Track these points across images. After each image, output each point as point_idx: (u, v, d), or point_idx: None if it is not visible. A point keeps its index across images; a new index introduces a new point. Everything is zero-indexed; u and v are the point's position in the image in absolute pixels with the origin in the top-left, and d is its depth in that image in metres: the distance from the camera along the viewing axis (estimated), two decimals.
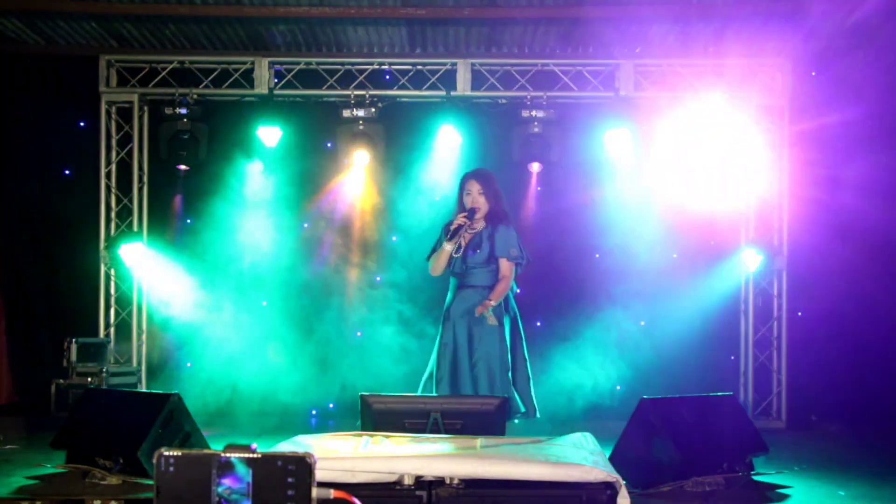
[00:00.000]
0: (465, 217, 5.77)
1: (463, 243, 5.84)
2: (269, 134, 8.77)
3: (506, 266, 5.82)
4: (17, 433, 7.33)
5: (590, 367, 8.74)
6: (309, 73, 8.81)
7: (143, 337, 8.88)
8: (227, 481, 2.22)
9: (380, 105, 8.66)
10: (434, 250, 5.95)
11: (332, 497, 2.27)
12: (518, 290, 6.27)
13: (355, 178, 8.97)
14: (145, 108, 8.89)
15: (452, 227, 5.77)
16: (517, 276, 6.04)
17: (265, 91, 8.71)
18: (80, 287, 8.87)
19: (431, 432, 5.28)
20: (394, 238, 9.09)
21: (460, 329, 5.83)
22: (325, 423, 8.46)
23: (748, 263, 8.65)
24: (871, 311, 8.50)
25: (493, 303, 5.72)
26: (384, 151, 8.71)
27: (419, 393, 5.85)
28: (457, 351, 5.82)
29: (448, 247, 5.81)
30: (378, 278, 9.08)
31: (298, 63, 8.78)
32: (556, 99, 8.69)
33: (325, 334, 8.83)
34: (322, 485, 2.26)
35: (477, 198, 5.82)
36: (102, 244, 8.72)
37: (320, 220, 9.09)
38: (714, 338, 8.75)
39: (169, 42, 8.75)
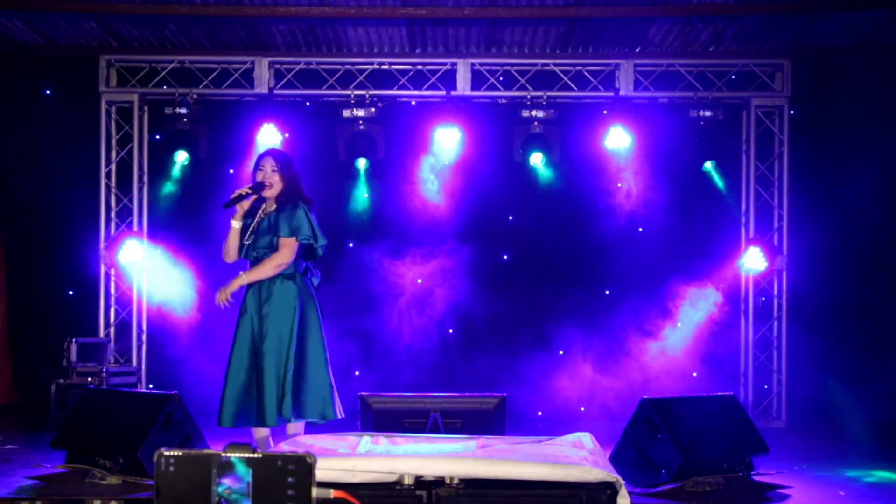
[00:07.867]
0: (248, 188, 5.23)
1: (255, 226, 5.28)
2: (269, 134, 8.76)
3: (282, 241, 5.16)
4: (17, 433, 7.33)
5: (589, 367, 8.74)
6: (309, 73, 8.80)
7: (143, 337, 8.88)
8: (227, 481, 2.22)
9: (380, 105, 8.66)
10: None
11: (332, 497, 2.27)
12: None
13: (353, 178, 8.98)
14: (145, 108, 8.88)
15: (232, 197, 5.21)
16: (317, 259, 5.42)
17: (265, 91, 8.70)
18: (80, 287, 8.86)
19: (431, 432, 5.29)
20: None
21: (257, 322, 5.22)
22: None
23: (748, 263, 8.65)
24: (870, 310, 8.51)
25: (244, 280, 5.18)
26: (384, 151, 8.71)
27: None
28: (254, 345, 5.23)
29: (234, 223, 5.23)
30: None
31: (298, 63, 8.77)
32: (556, 99, 8.69)
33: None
34: (322, 485, 2.26)
35: (270, 174, 5.24)
36: (102, 244, 8.72)
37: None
38: (714, 338, 8.74)
39: (169, 42, 8.74)
